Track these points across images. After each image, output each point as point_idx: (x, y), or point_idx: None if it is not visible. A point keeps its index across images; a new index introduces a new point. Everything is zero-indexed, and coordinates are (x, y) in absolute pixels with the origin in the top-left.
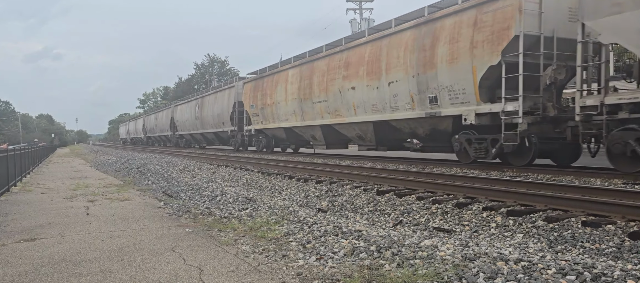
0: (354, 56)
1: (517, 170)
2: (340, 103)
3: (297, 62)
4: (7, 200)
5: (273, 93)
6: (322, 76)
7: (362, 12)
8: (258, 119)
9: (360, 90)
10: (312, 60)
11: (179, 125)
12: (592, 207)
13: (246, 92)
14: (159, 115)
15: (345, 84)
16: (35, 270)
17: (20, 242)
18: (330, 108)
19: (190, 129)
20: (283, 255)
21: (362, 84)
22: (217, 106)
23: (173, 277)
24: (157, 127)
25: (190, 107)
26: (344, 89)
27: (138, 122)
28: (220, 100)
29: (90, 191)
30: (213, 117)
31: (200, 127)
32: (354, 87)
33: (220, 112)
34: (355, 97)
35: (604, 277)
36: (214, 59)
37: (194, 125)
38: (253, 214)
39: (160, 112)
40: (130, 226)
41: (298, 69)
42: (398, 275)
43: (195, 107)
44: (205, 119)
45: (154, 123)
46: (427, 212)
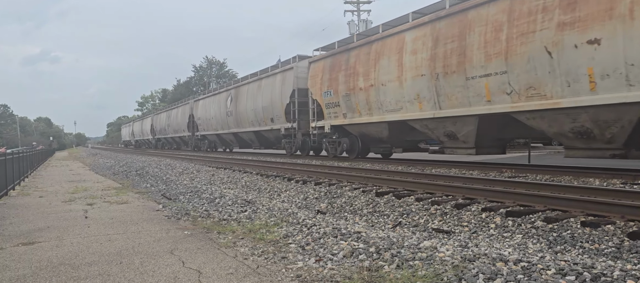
0: None
1: (515, 170)
2: (546, 72)
3: (427, 17)
4: (5, 204)
5: (372, 71)
6: (494, 31)
7: (360, 13)
8: (337, 112)
9: (609, 46)
10: (466, 9)
11: (201, 124)
12: (591, 207)
13: (315, 74)
14: (173, 113)
15: (571, 35)
16: (33, 274)
17: (19, 245)
18: (517, 83)
19: (217, 128)
20: (282, 257)
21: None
22: (262, 97)
23: (172, 279)
24: (170, 127)
25: (217, 101)
26: (562, 46)
27: (145, 122)
28: (268, 88)
29: (88, 194)
30: (255, 112)
31: (233, 125)
32: (597, 39)
33: (267, 104)
34: (597, 58)
35: (603, 277)
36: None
37: (223, 123)
38: (252, 216)
39: (174, 109)
40: (129, 229)
41: (428, 27)
42: (397, 276)
43: (227, 101)
44: (242, 115)
45: (165, 122)
46: (426, 213)
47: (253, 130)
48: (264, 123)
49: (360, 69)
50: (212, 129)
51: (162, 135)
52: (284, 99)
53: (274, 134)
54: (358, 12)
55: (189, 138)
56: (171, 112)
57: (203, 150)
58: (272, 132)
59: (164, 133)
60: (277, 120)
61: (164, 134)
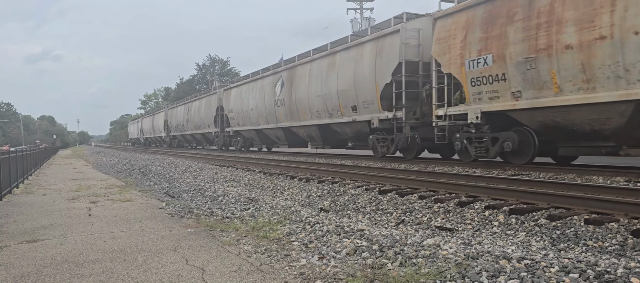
0: None
1: (519, 168)
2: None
3: None
4: (9, 202)
5: (606, 11)
6: None
7: (363, 12)
8: (498, 91)
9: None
10: None
11: (235, 118)
12: (595, 204)
13: (449, 35)
14: (194, 106)
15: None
16: (37, 271)
17: (23, 243)
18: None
19: (258, 121)
20: (285, 254)
21: None
22: (338, 78)
23: (175, 277)
24: (191, 122)
25: (260, 87)
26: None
27: (157, 117)
28: (349, 65)
29: (92, 192)
30: (323, 99)
31: (284, 117)
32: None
33: (348, 87)
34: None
35: (607, 274)
36: (216, 60)
37: (268, 115)
38: (255, 214)
39: (196, 101)
40: (132, 227)
41: None
42: (401, 274)
43: (275, 87)
44: (301, 104)
45: (183, 117)
46: (429, 211)
47: (318, 124)
48: (339, 113)
49: (568, 14)
50: (251, 123)
51: (179, 132)
52: (381, 77)
53: (355, 127)
54: (361, 10)
55: (216, 135)
56: (192, 104)
57: (237, 149)
58: (352, 125)
59: (182, 129)
60: (364, 109)
61: (182, 130)
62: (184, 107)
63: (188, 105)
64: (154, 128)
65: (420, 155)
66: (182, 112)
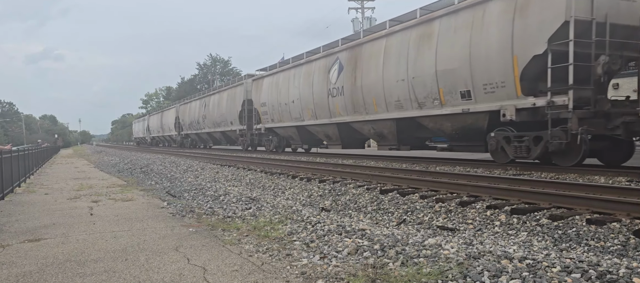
0: None
1: (520, 168)
2: None
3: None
4: (11, 201)
5: None
6: None
7: (364, 11)
8: None
9: None
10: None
11: (269, 113)
12: (597, 204)
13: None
14: (213, 100)
15: None
16: (39, 270)
17: (25, 242)
18: None
19: (315, 115)
20: (287, 254)
21: None
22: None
23: (177, 276)
24: (208, 118)
25: (316, 71)
26: None
27: (166, 115)
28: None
29: (94, 191)
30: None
31: (364, 107)
32: None
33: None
34: None
35: (609, 274)
36: (217, 59)
37: (330, 107)
38: (256, 214)
39: (215, 95)
40: (134, 226)
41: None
42: (402, 273)
43: (349, 66)
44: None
45: (198, 113)
46: (430, 211)
47: (396, 117)
48: (437, 102)
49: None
50: (291, 119)
51: (194, 130)
52: (525, 47)
53: (462, 121)
54: (362, 9)
55: (242, 133)
56: (210, 99)
57: (268, 149)
58: (458, 119)
59: (196, 127)
60: (484, 96)
61: (197, 128)
62: (199, 102)
63: (205, 100)
64: (162, 126)
65: (512, 160)
66: (197, 108)
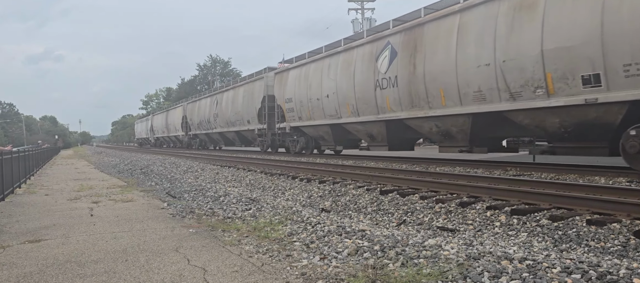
0: None
1: (520, 168)
2: None
3: None
4: (11, 202)
5: None
6: None
7: (364, 12)
8: None
9: None
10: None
11: (296, 110)
12: (597, 205)
13: None
14: (226, 97)
15: None
16: (40, 271)
17: (25, 243)
18: None
19: (356, 111)
20: (287, 255)
21: None
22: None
23: (177, 277)
24: (221, 117)
25: (359, 60)
26: None
27: (172, 114)
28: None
29: (94, 192)
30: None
31: (427, 101)
32: None
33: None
34: None
35: (609, 275)
36: (217, 60)
37: (377, 101)
38: (256, 214)
39: (229, 91)
40: (134, 227)
41: None
42: (402, 274)
43: (405, 51)
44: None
45: (208, 112)
46: (430, 212)
47: (472, 112)
48: (542, 91)
49: None
50: (324, 116)
51: (203, 130)
52: None
53: (580, 115)
54: (362, 10)
55: (261, 133)
56: (222, 96)
57: (294, 151)
58: (574, 112)
59: (207, 127)
60: (626, 81)
61: (207, 128)
62: (210, 99)
63: (217, 97)
64: (167, 126)
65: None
66: (208, 106)
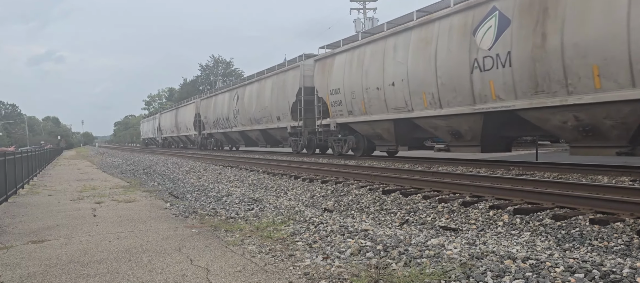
0: None
1: (523, 168)
2: None
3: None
4: (15, 202)
5: None
6: None
7: (366, 12)
8: None
9: None
10: None
11: (348, 103)
12: (600, 204)
13: None
14: (250, 91)
15: None
16: (43, 271)
17: (29, 243)
18: None
19: (410, 105)
20: (289, 254)
21: None
22: None
23: (180, 277)
24: (243, 114)
25: (412, 44)
26: None
27: (183, 112)
28: None
29: (97, 193)
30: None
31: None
32: None
33: None
34: None
35: (612, 274)
36: (219, 60)
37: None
38: (259, 214)
39: (253, 84)
40: (137, 227)
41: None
42: (405, 274)
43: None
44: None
45: (226, 109)
46: (433, 211)
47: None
48: None
49: None
50: (388, 109)
51: (221, 128)
52: None
53: None
54: (364, 10)
55: (295, 132)
56: (245, 90)
57: (338, 152)
58: None
59: (225, 125)
60: None
61: (225, 126)
62: (229, 94)
63: (238, 92)
64: (177, 125)
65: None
66: (226, 102)
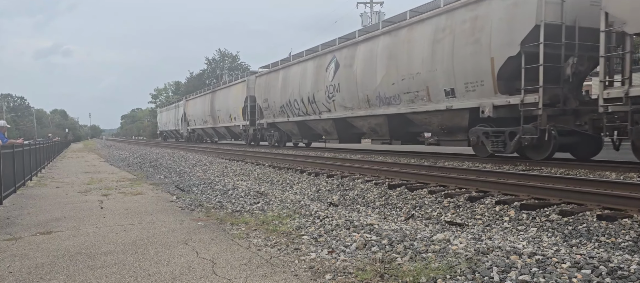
0: None
1: (530, 163)
2: None
3: None
4: (23, 194)
5: None
6: None
7: (373, 6)
8: None
9: None
10: None
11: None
12: (608, 200)
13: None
14: (362, 52)
15: None
16: (51, 262)
17: (37, 235)
18: None
19: None
20: (295, 248)
21: None
22: None
23: (186, 269)
24: (343, 92)
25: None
26: None
27: (222, 95)
28: None
29: (104, 185)
30: None
31: None
32: None
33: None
34: None
35: (620, 270)
36: (225, 54)
37: None
38: (265, 208)
39: (366, 43)
40: (143, 219)
41: None
42: (411, 268)
43: None
44: None
45: (309, 87)
46: (439, 206)
47: None
48: None
49: None
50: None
51: (293, 115)
52: None
53: None
54: (371, 4)
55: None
56: (342, 53)
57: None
58: None
59: (302, 111)
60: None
61: (302, 113)
62: (299, 67)
63: (336, 56)
64: (215, 113)
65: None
66: (297, 78)
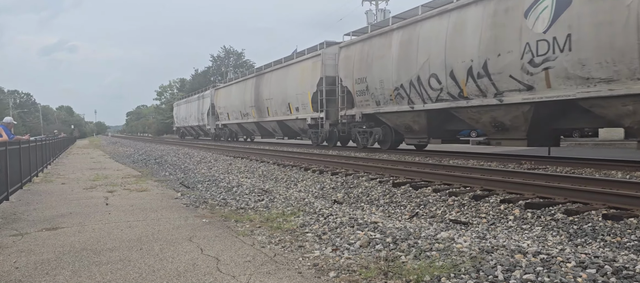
0: None
1: (535, 162)
2: None
3: None
4: (29, 190)
5: None
6: None
7: (378, 3)
8: None
9: None
10: None
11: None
12: (613, 199)
13: None
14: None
15: None
16: (56, 258)
17: (42, 230)
18: None
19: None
20: (299, 246)
21: None
22: None
23: (191, 266)
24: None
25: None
26: None
27: (273, 79)
28: None
29: (109, 182)
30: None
31: None
32: None
33: None
34: None
35: (625, 270)
36: (230, 51)
37: None
38: (269, 205)
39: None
40: (148, 216)
41: None
42: (415, 266)
43: None
44: None
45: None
46: (443, 204)
47: None
48: None
49: None
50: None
51: (442, 100)
52: None
53: None
54: (376, 1)
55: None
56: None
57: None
58: None
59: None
60: None
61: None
62: (444, 19)
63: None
64: (261, 103)
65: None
66: (442, 36)
